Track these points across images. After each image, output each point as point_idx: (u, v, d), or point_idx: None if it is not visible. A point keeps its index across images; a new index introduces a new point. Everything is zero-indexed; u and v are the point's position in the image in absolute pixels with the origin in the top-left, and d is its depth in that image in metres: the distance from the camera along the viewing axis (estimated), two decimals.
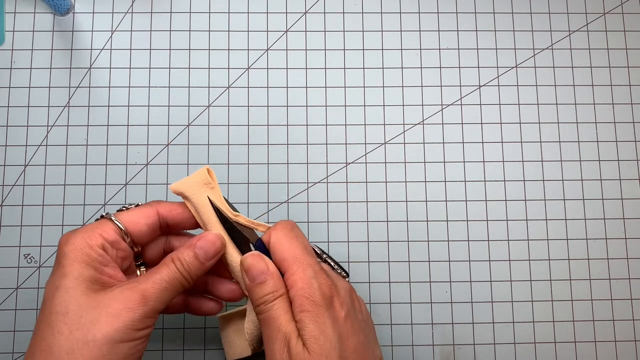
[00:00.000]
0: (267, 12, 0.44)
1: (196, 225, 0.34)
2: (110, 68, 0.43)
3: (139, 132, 0.42)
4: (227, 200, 0.34)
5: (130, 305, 0.28)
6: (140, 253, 0.34)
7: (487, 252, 0.41)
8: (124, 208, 0.33)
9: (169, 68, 0.43)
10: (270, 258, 0.32)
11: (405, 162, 0.42)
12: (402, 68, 0.44)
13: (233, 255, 0.33)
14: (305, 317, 0.29)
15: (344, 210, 0.42)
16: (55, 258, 0.30)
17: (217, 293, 0.35)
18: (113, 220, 0.31)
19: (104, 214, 0.32)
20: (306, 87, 0.43)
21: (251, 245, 0.33)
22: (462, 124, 0.43)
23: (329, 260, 0.34)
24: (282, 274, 0.31)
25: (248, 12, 0.44)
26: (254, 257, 0.31)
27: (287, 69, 0.43)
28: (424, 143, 0.43)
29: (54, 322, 0.28)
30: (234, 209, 0.34)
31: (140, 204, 0.33)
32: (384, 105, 0.43)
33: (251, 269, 0.31)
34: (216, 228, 0.33)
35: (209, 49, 0.43)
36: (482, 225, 0.42)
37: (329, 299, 0.30)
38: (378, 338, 0.40)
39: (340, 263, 0.34)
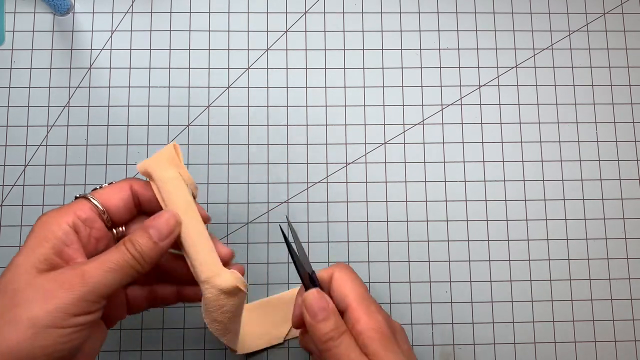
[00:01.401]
0: (267, 12, 0.44)
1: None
2: (110, 68, 0.43)
3: (139, 132, 0.42)
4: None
5: (66, 285, 0.26)
6: (124, 235, 0.32)
7: (487, 252, 0.41)
8: (97, 187, 0.32)
9: (169, 68, 0.43)
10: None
11: (405, 162, 0.42)
12: (402, 68, 0.44)
13: (190, 236, 0.30)
14: (377, 347, 0.29)
15: (344, 210, 0.42)
16: None
17: (187, 298, 0.34)
18: (88, 199, 0.30)
19: (77, 194, 0.31)
20: (306, 87, 0.43)
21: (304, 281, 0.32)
22: (462, 124, 0.43)
23: None
24: (342, 312, 0.31)
25: (248, 12, 0.44)
26: (315, 295, 0.31)
27: (287, 69, 0.43)
28: (424, 143, 0.43)
29: None
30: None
31: (113, 182, 0.32)
32: (384, 105, 0.43)
33: (313, 305, 0.31)
34: (175, 206, 0.30)
35: (209, 49, 0.43)
36: (482, 225, 0.42)
37: (393, 332, 0.31)
38: None
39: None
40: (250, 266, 0.41)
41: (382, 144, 0.43)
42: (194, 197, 0.32)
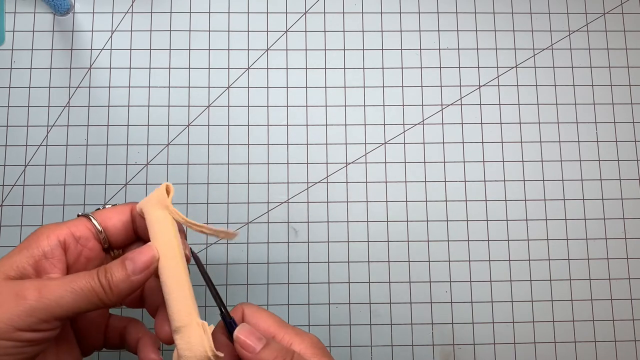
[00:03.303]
0: (267, 12, 0.44)
1: None
2: (110, 68, 0.43)
3: (139, 132, 0.42)
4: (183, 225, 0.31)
5: (20, 295, 0.25)
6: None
7: (487, 252, 0.41)
8: (101, 207, 0.32)
9: (169, 68, 0.43)
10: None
11: (405, 162, 0.42)
12: (402, 68, 0.44)
13: (168, 282, 0.29)
14: None
15: (344, 210, 0.42)
16: None
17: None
18: (89, 217, 0.30)
19: (79, 213, 0.31)
20: (306, 87, 0.43)
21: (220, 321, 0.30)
22: (462, 124, 0.43)
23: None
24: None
25: (248, 12, 0.44)
26: (246, 328, 0.29)
27: (287, 69, 0.43)
28: (424, 143, 0.43)
29: None
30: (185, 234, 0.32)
31: (117, 204, 0.32)
32: (384, 105, 0.43)
33: (247, 339, 0.28)
34: (158, 242, 0.30)
35: (209, 49, 0.43)
36: (482, 225, 0.42)
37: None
38: (379, 337, 0.40)
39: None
40: (250, 266, 0.41)
41: (382, 144, 0.43)
42: (200, 228, 0.31)
